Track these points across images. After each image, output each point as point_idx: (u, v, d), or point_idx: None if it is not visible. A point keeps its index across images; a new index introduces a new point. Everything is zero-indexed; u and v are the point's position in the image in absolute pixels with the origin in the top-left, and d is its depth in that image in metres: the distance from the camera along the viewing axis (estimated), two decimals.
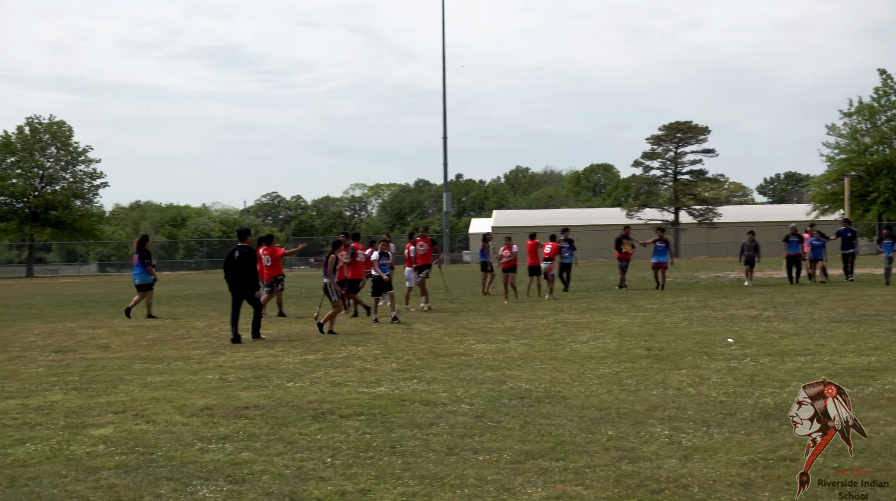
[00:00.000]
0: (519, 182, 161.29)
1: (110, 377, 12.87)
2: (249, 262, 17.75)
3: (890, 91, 75.60)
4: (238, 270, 17.67)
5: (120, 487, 7.15)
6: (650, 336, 16.22)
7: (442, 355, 14.50)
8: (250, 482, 7.22)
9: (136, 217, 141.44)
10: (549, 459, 7.68)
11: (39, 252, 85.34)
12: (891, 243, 28.60)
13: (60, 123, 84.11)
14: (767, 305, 22.16)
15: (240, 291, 17.76)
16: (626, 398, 10.39)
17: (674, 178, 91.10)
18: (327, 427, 9.13)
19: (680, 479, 7.00)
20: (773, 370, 12.10)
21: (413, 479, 7.18)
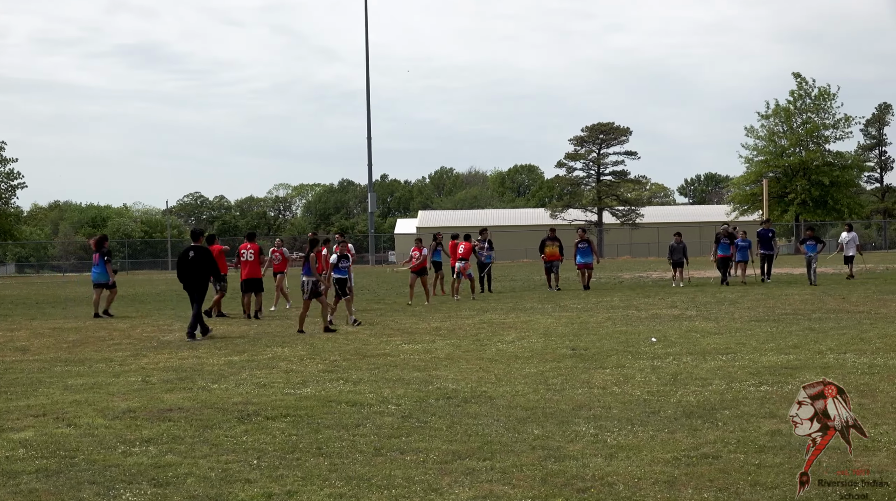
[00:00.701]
0: (444, 182, 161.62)
1: (30, 380, 12.63)
2: (203, 261, 18.05)
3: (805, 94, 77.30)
4: (191, 269, 17.99)
5: (41, 491, 7.03)
6: (575, 336, 16.36)
7: (368, 355, 14.47)
8: (175, 485, 7.14)
9: (54, 217, 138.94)
10: (475, 459, 7.71)
11: None
12: (814, 244, 29.03)
13: None
14: (689, 304, 22.48)
15: (193, 289, 18.05)
16: (552, 397, 10.46)
17: (597, 179, 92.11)
18: (253, 429, 9.06)
19: (605, 477, 7.07)
20: (695, 368, 12.28)
21: (340, 480, 7.16)
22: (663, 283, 32.72)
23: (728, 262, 30.29)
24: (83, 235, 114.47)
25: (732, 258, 30.26)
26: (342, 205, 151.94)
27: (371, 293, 30.66)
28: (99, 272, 23.97)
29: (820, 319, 18.16)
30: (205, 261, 18.15)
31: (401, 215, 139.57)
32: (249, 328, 19.36)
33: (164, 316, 23.20)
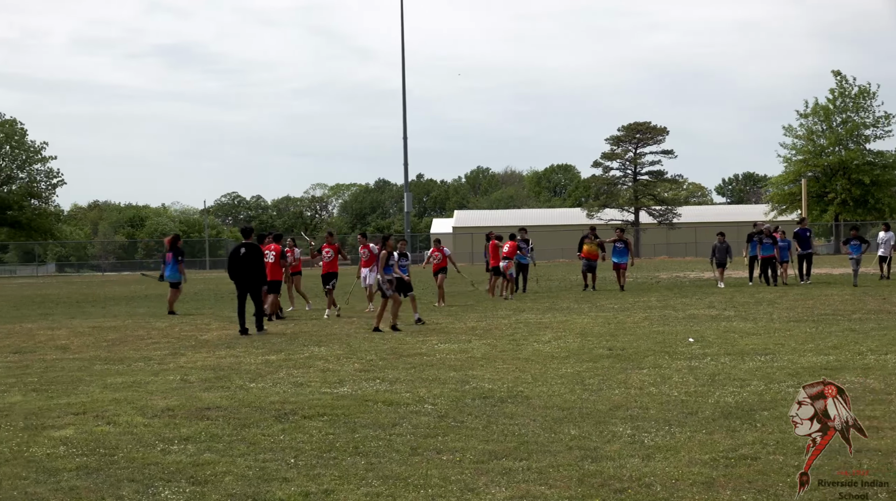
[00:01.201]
0: (480, 182, 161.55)
1: (70, 379, 12.75)
2: (255, 258, 18.53)
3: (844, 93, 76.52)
4: (244, 266, 18.41)
5: (81, 489, 7.09)
6: (612, 336, 16.30)
7: (404, 355, 14.48)
8: (213, 483, 7.19)
9: (94, 217, 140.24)
10: (512, 459, 7.70)
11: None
12: (858, 244, 28.51)
13: (13, 121, 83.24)
14: (727, 305, 22.33)
15: (246, 286, 18.56)
16: (589, 397, 10.43)
17: (633, 178, 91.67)
18: (290, 428, 9.09)
19: (642, 478, 7.04)
20: (733, 369, 12.20)
21: (377, 479, 7.17)
22: (700, 283, 32.51)
23: (772, 262, 29.60)
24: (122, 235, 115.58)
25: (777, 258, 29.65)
26: (378, 205, 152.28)
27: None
28: (172, 271, 24.56)
29: (860, 319, 17.99)
30: (256, 258, 18.59)
31: (437, 214, 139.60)
32: (286, 328, 19.43)
33: (202, 315, 23.36)
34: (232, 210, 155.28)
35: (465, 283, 26.44)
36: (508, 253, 27.43)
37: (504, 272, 27.25)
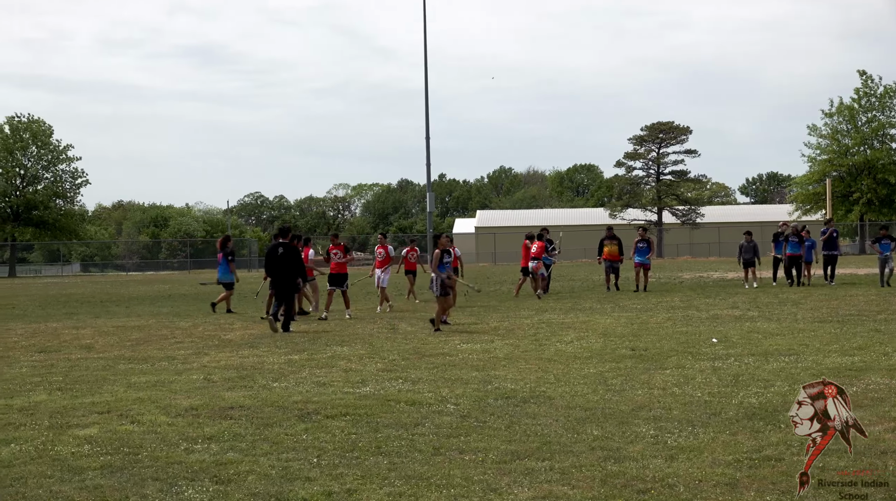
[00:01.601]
0: (502, 182, 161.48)
1: (94, 378, 12.82)
2: (292, 257, 18.93)
3: (870, 93, 76.03)
4: (281, 265, 18.83)
5: (105, 487, 7.13)
6: (635, 336, 16.26)
7: (427, 355, 14.49)
8: (236, 482, 7.21)
9: (118, 217, 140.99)
10: (535, 459, 7.69)
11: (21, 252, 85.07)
12: (889, 243, 28.02)
13: (40, 122, 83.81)
14: (751, 305, 22.24)
15: (282, 285, 18.90)
16: (612, 398, 10.41)
17: (656, 178, 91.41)
18: (313, 428, 9.11)
19: (665, 479, 7.02)
20: (757, 369, 12.15)
21: (399, 479, 7.18)
22: (724, 283, 32.38)
23: (798, 261, 29.30)
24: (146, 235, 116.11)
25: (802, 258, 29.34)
26: (401, 205, 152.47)
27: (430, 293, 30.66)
28: (224, 272, 24.81)
29: (886, 320, 17.87)
30: (293, 257, 18.96)
31: (459, 214, 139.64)
32: (309, 327, 19.47)
33: (225, 315, 23.42)
34: (255, 210, 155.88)
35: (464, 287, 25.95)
36: (537, 253, 27.45)
37: (534, 272, 27.29)
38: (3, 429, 9.37)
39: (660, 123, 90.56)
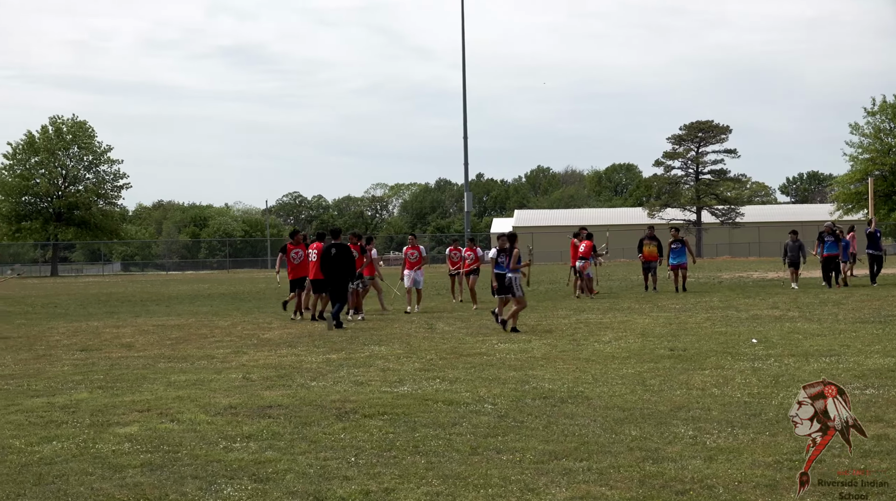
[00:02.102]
0: (540, 182, 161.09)
1: (135, 376, 12.94)
2: (345, 257, 19.76)
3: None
4: (335, 265, 19.63)
5: (145, 485, 7.19)
6: (673, 337, 16.18)
7: (464, 354, 14.49)
8: (275, 480, 7.24)
9: (158, 217, 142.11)
10: (572, 459, 7.67)
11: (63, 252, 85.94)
12: None
13: (82, 123, 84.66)
14: (791, 305, 22.05)
15: (336, 283, 19.72)
16: (650, 398, 10.36)
17: (695, 177, 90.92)
18: (351, 427, 9.14)
19: (704, 480, 6.98)
20: (797, 370, 12.04)
21: (437, 479, 7.18)
22: (764, 283, 32.11)
23: (834, 262, 28.64)
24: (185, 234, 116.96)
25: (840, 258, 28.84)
26: (438, 204, 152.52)
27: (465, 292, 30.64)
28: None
29: None
30: (345, 257, 19.74)
31: (497, 214, 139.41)
32: (347, 327, 19.53)
33: (264, 314, 23.56)
34: (293, 210, 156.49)
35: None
36: (584, 253, 27.33)
37: (581, 272, 27.20)
38: (45, 427, 9.48)
39: (699, 122, 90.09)
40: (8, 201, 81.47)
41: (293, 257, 22.19)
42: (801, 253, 29.03)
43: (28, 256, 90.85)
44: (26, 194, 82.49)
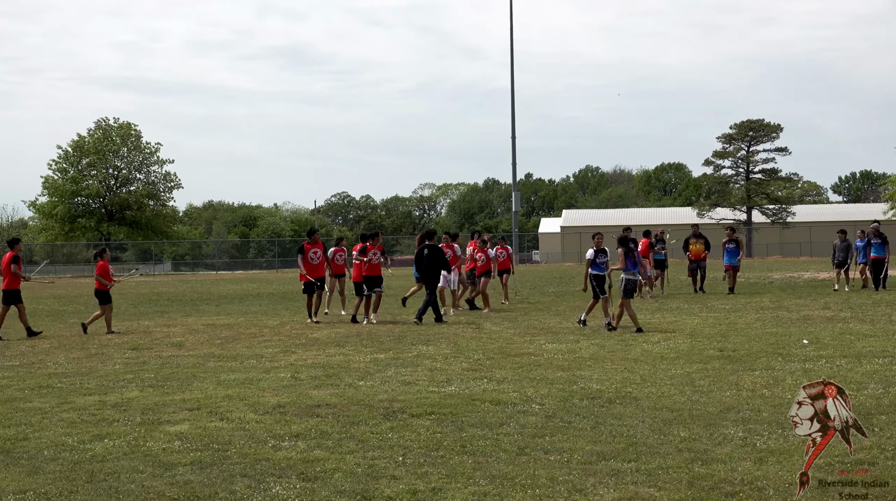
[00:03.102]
0: (588, 181, 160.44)
1: (185, 375, 13.05)
2: (437, 257, 20.92)
3: None
4: (427, 264, 20.90)
5: (195, 483, 7.25)
6: (723, 337, 16.04)
7: (512, 354, 14.47)
8: (323, 479, 7.28)
9: (208, 217, 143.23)
10: (620, 460, 7.64)
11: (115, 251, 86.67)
12: None
13: (129, 125, 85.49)
14: (843, 306, 21.78)
15: (430, 282, 20.80)
16: (699, 399, 10.29)
17: (746, 177, 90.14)
18: (398, 426, 9.16)
19: (755, 482, 6.92)
20: (849, 372, 11.90)
21: (484, 479, 7.18)
22: (815, 283, 31.74)
23: (883, 264, 27.59)
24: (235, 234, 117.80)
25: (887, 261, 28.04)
26: (486, 204, 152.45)
27: (514, 292, 30.62)
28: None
29: None
30: (438, 257, 20.90)
31: (545, 214, 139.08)
32: (395, 326, 19.57)
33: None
34: (342, 210, 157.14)
35: None
36: (642, 251, 26.95)
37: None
38: (97, 425, 9.60)
39: (750, 121, 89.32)
40: (61, 202, 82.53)
41: (311, 257, 21.42)
42: (850, 253, 28.18)
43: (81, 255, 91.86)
44: (79, 195, 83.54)
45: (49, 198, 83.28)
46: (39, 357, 15.64)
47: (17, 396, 11.57)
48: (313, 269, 21.43)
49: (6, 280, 19.93)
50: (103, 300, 20.19)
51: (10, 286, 19.75)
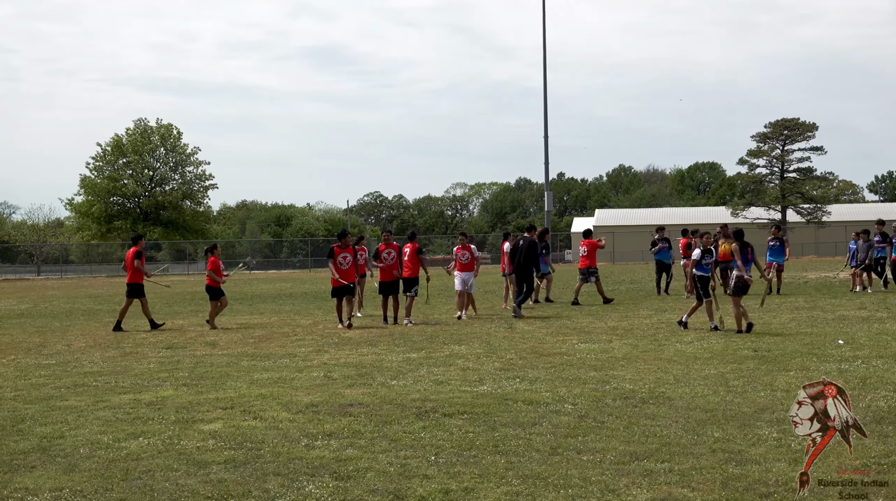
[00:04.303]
0: (621, 181, 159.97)
1: (218, 374, 13.12)
2: (531, 250, 21.90)
3: None
4: (522, 256, 21.92)
5: (229, 481, 7.29)
6: (757, 337, 15.94)
7: (544, 354, 14.45)
8: (355, 478, 7.30)
9: (242, 216, 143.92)
10: (653, 460, 7.61)
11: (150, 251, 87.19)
12: None
13: (168, 125, 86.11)
14: (879, 306, 21.58)
15: (522, 276, 21.99)
16: (733, 399, 10.23)
17: (780, 176, 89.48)
18: (430, 426, 9.17)
19: (789, 483, 6.87)
20: (886, 372, 11.79)
21: (516, 478, 7.17)
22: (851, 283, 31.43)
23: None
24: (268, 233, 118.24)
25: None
26: (518, 204, 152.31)
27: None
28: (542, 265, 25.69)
29: None
30: (532, 250, 21.86)
31: (577, 213, 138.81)
32: (427, 326, 19.57)
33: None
34: (374, 209, 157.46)
35: None
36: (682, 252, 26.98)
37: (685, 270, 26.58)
38: (132, 423, 9.67)
39: (784, 120, 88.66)
40: (97, 202, 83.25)
41: (340, 262, 20.20)
42: (868, 255, 27.23)
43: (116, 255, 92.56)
44: (115, 195, 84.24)
45: (86, 197, 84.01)
46: (75, 356, 15.78)
47: (53, 394, 11.68)
48: (343, 273, 20.14)
49: (129, 274, 21.15)
50: (214, 296, 20.77)
51: (132, 281, 21.08)
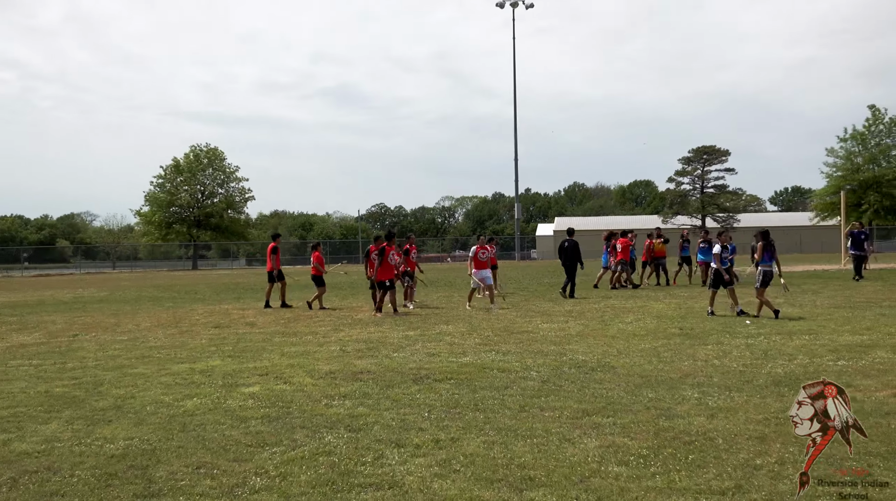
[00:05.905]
0: (575, 194, 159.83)
1: (256, 348, 13.08)
2: (575, 249, 22.13)
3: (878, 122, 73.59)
4: (568, 256, 22.16)
5: (265, 433, 7.28)
6: (682, 318, 15.96)
7: (515, 332, 14.44)
8: (365, 430, 7.29)
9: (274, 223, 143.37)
10: (601, 416, 7.62)
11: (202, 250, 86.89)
12: None
13: (216, 149, 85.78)
14: (777, 293, 21.58)
15: (568, 270, 22.15)
16: (663, 368, 10.24)
17: (701, 191, 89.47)
18: (424, 389, 9.16)
19: (707, 433, 6.89)
20: (783, 346, 11.83)
21: (493, 430, 7.18)
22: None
23: (863, 259, 26.87)
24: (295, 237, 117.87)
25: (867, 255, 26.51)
26: (494, 213, 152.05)
27: (517, 283, 30.56)
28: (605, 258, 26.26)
29: (890, 306, 17.23)
30: (575, 249, 22.12)
31: (541, 220, 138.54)
32: (422, 310, 19.54)
33: (357, 300, 23.66)
34: (380, 217, 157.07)
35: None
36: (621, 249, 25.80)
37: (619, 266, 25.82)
38: (187, 387, 9.64)
39: (704, 147, 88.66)
40: (159, 211, 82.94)
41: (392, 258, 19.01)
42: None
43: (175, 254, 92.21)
44: (174, 206, 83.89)
45: (150, 208, 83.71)
46: (143, 334, 15.71)
47: (125, 364, 11.64)
48: (388, 270, 18.94)
49: (269, 264, 21.87)
50: (318, 283, 20.97)
51: (271, 268, 21.81)
